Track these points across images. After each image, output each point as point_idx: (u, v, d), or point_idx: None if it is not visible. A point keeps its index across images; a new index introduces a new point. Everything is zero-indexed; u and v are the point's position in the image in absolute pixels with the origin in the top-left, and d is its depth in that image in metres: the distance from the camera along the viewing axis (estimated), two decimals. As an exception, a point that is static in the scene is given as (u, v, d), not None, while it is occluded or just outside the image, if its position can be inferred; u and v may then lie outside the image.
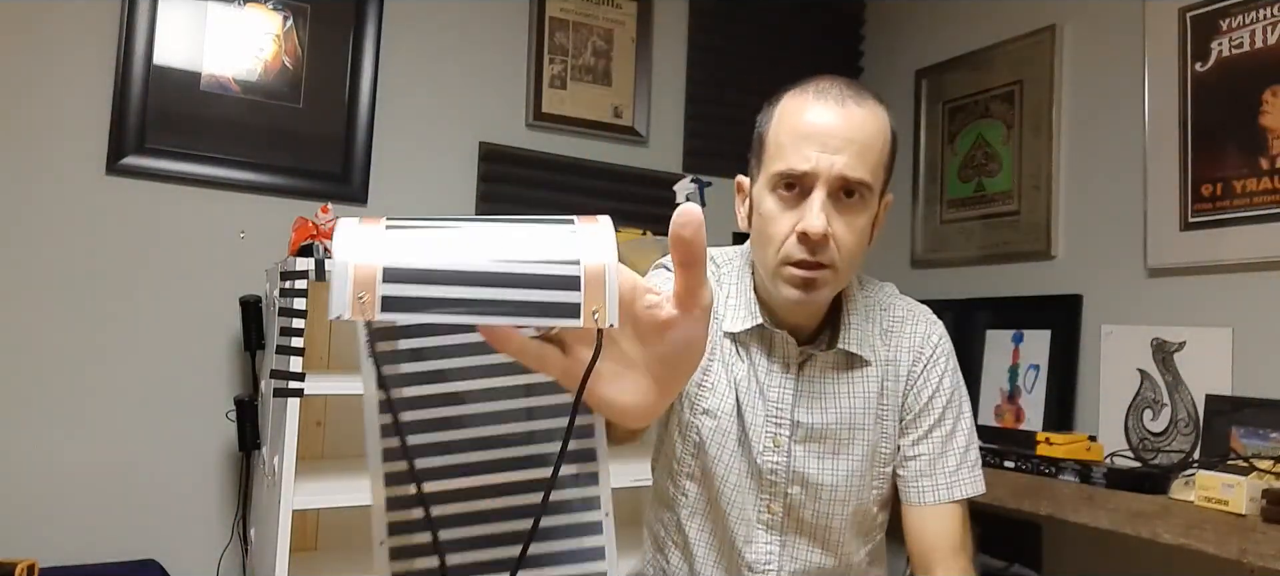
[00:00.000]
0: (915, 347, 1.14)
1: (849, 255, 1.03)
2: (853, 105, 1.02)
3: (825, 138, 1.00)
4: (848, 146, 1.00)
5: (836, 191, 1.01)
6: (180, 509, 2.12)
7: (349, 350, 2.20)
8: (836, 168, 1.00)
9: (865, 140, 1.01)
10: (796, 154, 1.01)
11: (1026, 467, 1.93)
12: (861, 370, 1.12)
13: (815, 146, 1.00)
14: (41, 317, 2.01)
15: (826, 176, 1.00)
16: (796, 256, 1.02)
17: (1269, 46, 1.91)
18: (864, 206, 1.03)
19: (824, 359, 1.12)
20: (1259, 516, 1.50)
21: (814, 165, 1.00)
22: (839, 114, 1.01)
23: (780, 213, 1.03)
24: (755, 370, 1.13)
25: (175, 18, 2.14)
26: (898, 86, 2.88)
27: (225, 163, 2.18)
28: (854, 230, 1.03)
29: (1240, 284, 1.93)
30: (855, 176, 1.01)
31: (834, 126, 1.01)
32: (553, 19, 2.58)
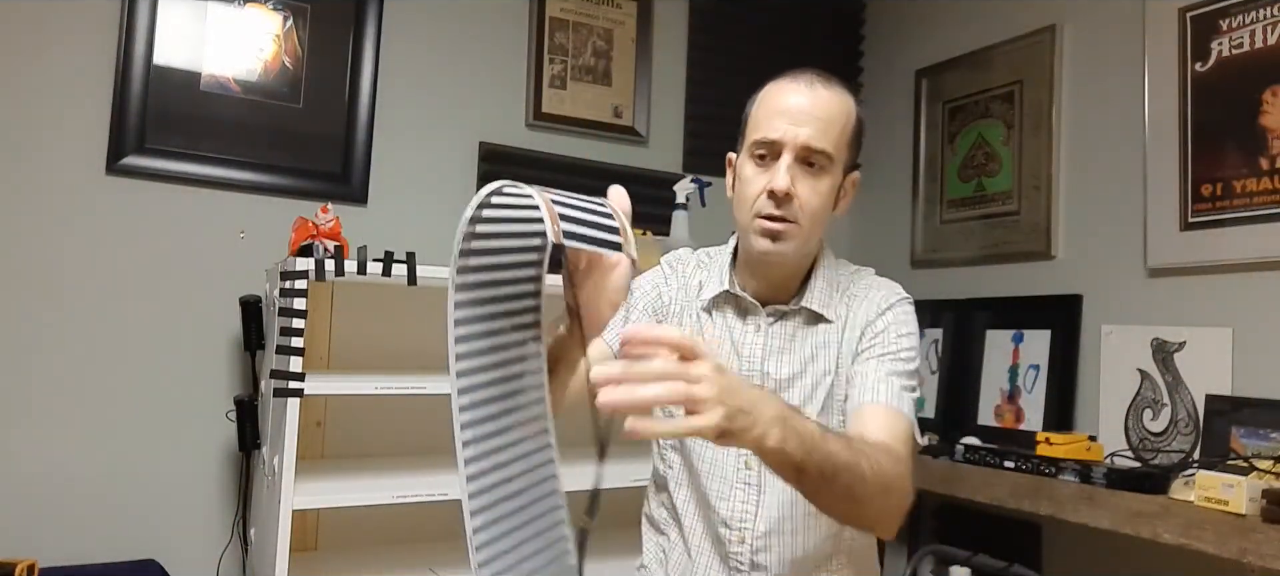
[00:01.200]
0: (876, 304, 1.27)
1: (811, 213, 1.21)
2: (820, 88, 1.22)
3: (793, 113, 1.20)
4: (811, 121, 1.19)
5: (801, 158, 1.20)
6: (180, 509, 2.12)
7: (349, 350, 2.20)
8: (801, 138, 1.19)
9: (827, 116, 1.20)
10: (769, 126, 1.21)
11: (1026, 467, 1.93)
12: (824, 326, 1.27)
13: (785, 120, 1.20)
14: (41, 317, 2.01)
15: (792, 144, 1.19)
16: (766, 210, 1.20)
17: (1269, 46, 1.91)
18: (825, 173, 1.21)
19: (791, 317, 1.28)
20: (1259, 516, 1.50)
21: (781, 134, 1.19)
22: (806, 94, 1.21)
23: (755, 175, 1.22)
24: (730, 331, 1.29)
25: (175, 18, 2.14)
26: (898, 86, 2.88)
27: (225, 163, 2.18)
28: (816, 192, 1.21)
29: (1240, 284, 1.92)
30: (817, 145, 1.19)
31: (801, 104, 1.20)
32: (553, 19, 2.58)
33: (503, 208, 0.86)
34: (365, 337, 2.21)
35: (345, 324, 2.20)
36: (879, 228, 2.92)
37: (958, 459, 2.09)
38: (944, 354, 2.54)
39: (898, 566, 2.54)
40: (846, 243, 3.00)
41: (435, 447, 2.26)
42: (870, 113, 2.98)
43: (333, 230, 1.97)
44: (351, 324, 2.20)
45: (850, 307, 1.28)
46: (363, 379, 1.90)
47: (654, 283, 1.37)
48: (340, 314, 2.19)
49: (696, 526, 1.30)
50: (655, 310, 1.35)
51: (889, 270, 2.96)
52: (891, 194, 2.87)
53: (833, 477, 0.94)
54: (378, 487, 1.89)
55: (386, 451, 2.22)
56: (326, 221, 1.98)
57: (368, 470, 2.04)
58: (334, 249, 1.92)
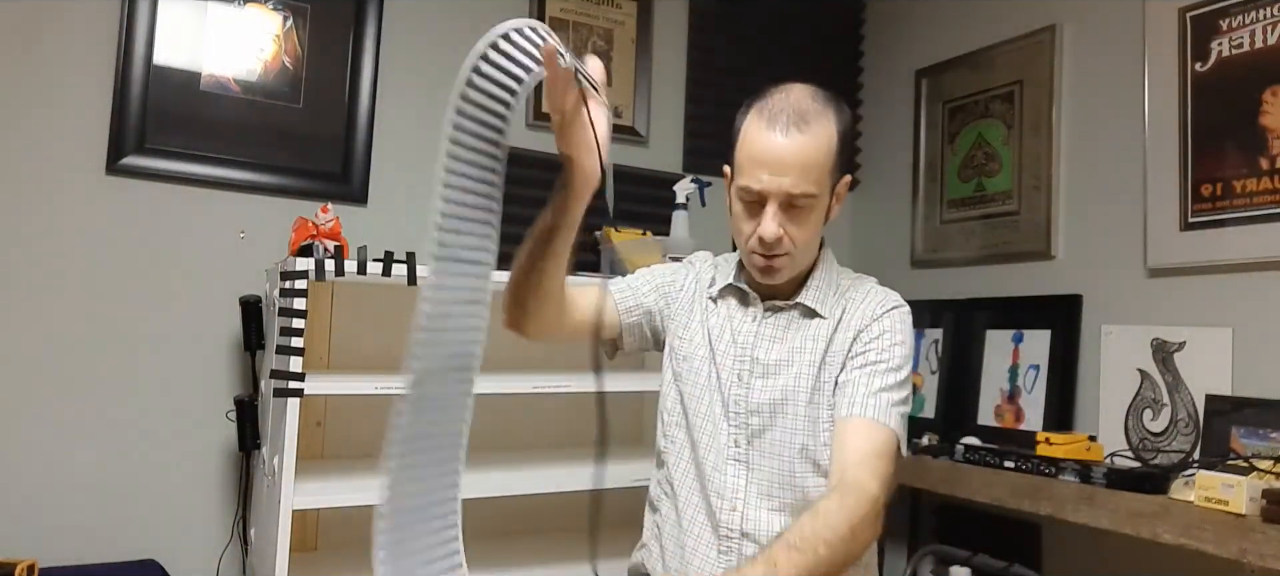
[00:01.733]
0: (871, 310, 1.32)
1: (802, 243, 1.28)
2: (796, 132, 1.23)
3: (773, 164, 1.23)
4: (791, 170, 1.22)
5: (785, 205, 1.24)
6: (180, 509, 2.12)
7: (349, 350, 2.20)
8: (784, 187, 1.23)
9: (806, 161, 1.23)
10: (752, 176, 1.24)
11: (1026, 467, 1.93)
12: (816, 321, 1.33)
13: (766, 171, 1.23)
14: (41, 318, 2.01)
15: (775, 194, 1.23)
16: (757, 250, 1.28)
17: (1269, 46, 1.91)
18: (812, 209, 1.26)
19: (786, 311, 1.35)
20: (1259, 516, 1.50)
21: (764, 186, 1.23)
22: (782, 143, 1.23)
23: (744, 218, 1.28)
24: (731, 319, 1.38)
25: (175, 18, 2.14)
26: (898, 86, 2.88)
27: (225, 163, 2.18)
28: (805, 226, 1.27)
29: (1240, 284, 1.93)
30: (799, 192, 1.23)
31: (779, 155, 1.22)
32: (553, 19, 2.58)
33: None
34: (365, 337, 2.21)
35: (345, 324, 2.20)
36: (879, 228, 2.92)
37: (958, 459, 2.09)
38: (944, 354, 2.54)
39: (898, 566, 2.54)
40: (847, 242, 3.00)
41: (435, 447, 2.26)
42: (870, 113, 3.00)
43: (333, 230, 1.97)
44: (351, 324, 2.20)
45: (846, 309, 1.34)
46: (363, 379, 1.90)
47: (671, 271, 1.49)
48: (340, 314, 2.19)
49: (692, 498, 1.36)
50: (664, 292, 1.45)
51: (889, 270, 2.97)
52: (891, 194, 2.87)
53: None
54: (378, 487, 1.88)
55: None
56: (326, 221, 1.98)
57: (368, 470, 2.03)
58: (334, 249, 1.92)
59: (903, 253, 2.80)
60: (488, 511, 2.24)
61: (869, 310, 1.32)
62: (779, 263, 1.28)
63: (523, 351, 2.37)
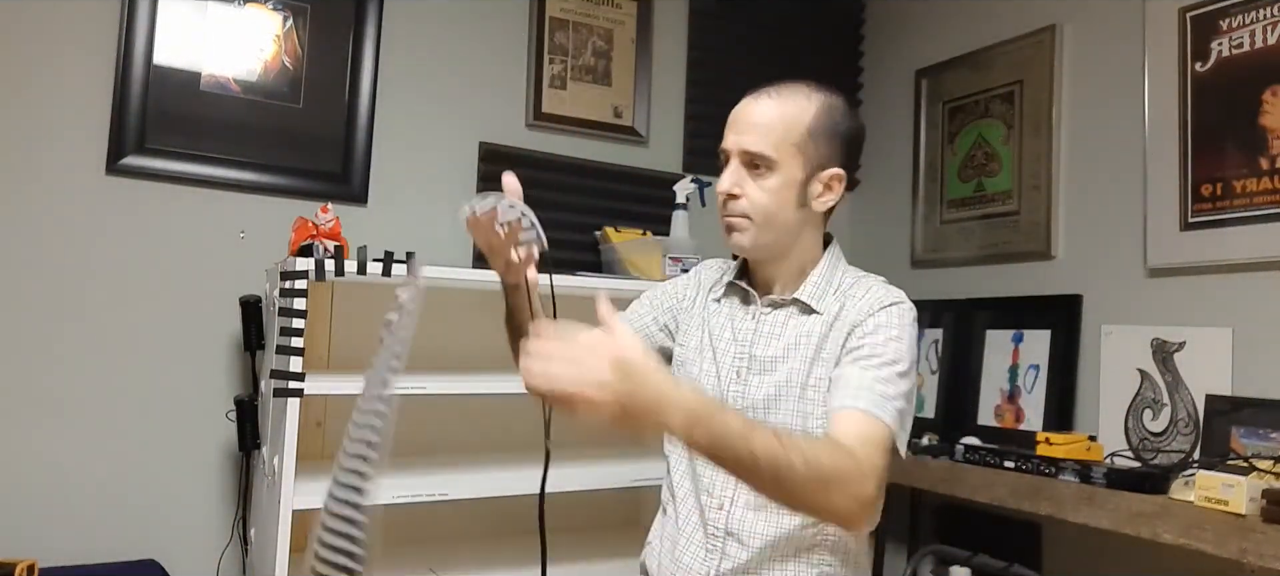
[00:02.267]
0: (868, 305, 1.30)
1: (760, 209, 1.29)
2: (764, 97, 1.32)
3: (737, 122, 1.32)
4: (750, 128, 1.29)
5: (745, 162, 1.30)
6: (180, 509, 2.12)
7: (349, 350, 2.20)
8: (742, 144, 1.29)
9: (766, 123, 1.29)
10: (725, 137, 1.33)
11: (1026, 467, 1.93)
12: (814, 318, 1.33)
13: (731, 130, 1.32)
14: (41, 317, 2.01)
15: (735, 151, 1.31)
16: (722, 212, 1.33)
17: (1269, 46, 1.91)
18: (770, 173, 1.29)
19: (784, 308, 1.36)
20: (1259, 516, 1.50)
21: (727, 143, 1.32)
22: (751, 104, 1.32)
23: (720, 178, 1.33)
24: (732, 318, 1.39)
25: (175, 18, 2.14)
26: (898, 86, 2.88)
27: (225, 163, 2.18)
28: (762, 190, 1.29)
29: (1240, 284, 1.93)
30: (752, 149, 1.28)
31: (744, 114, 1.31)
32: (553, 19, 2.58)
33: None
34: (365, 338, 2.19)
35: (345, 324, 2.20)
36: (879, 228, 2.92)
37: (958, 459, 2.09)
38: (944, 354, 2.54)
39: (898, 566, 2.54)
40: (847, 242, 2.99)
41: (435, 447, 2.26)
42: (870, 113, 3.00)
43: (333, 230, 1.97)
44: (351, 324, 2.20)
45: (844, 305, 1.32)
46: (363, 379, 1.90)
47: (675, 286, 1.51)
48: (340, 314, 2.19)
49: (687, 499, 1.37)
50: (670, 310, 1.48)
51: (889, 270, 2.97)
52: (891, 194, 2.87)
53: (753, 469, 1.01)
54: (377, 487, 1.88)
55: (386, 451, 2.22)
56: (326, 221, 1.98)
57: (368, 470, 2.04)
58: (334, 249, 1.92)
59: (903, 253, 2.80)
60: (484, 511, 2.24)
61: (866, 305, 1.29)
62: (738, 223, 1.30)
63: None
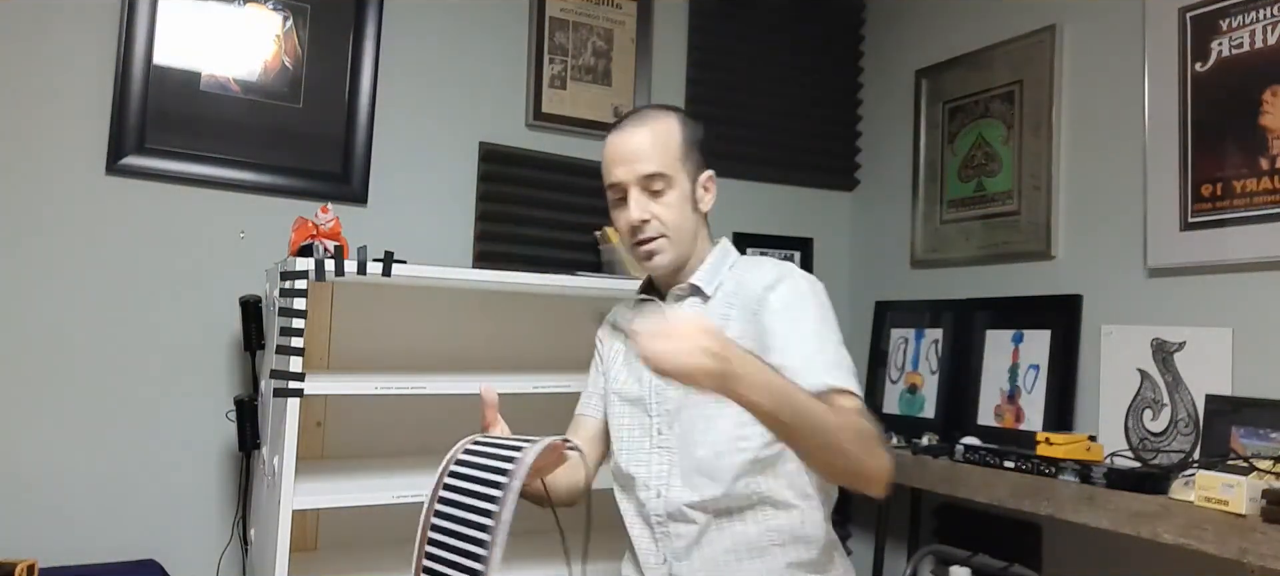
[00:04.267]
0: (765, 282, 1.38)
1: (672, 224, 1.40)
2: (631, 126, 1.42)
3: (621, 155, 1.41)
4: (633, 157, 1.39)
5: (644, 187, 1.39)
6: (180, 509, 2.12)
7: (349, 350, 2.20)
8: (635, 173, 1.39)
9: (648, 146, 1.39)
10: (610, 173, 1.42)
11: (1026, 467, 1.93)
12: (712, 302, 1.42)
13: (615, 164, 1.41)
14: (41, 318, 2.01)
15: (630, 181, 1.39)
16: (633, 239, 1.42)
17: (1269, 46, 1.91)
18: (669, 189, 1.40)
19: (683, 299, 1.45)
20: (1259, 516, 1.50)
21: (618, 177, 1.41)
22: (621, 137, 1.42)
23: (618, 214, 1.44)
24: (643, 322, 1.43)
25: (175, 18, 2.14)
26: (898, 86, 2.88)
27: (225, 163, 2.18)
28: (668, 207, 1.40)
29: (1240, 284, 1.92)
30: (648, 171, 1.38)
31: (621, 147, 1.41)
32: (553, 19, 2.58)
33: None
34: (365, 337, 2.21)
35: (345, 324, 2.20)
36: (879, 228, 2.92)
37: (958, 459, 2.09)
38: (944, 354, 2.54)
39: (898, 566, 2.54)
40: (847, 242, 3.00)
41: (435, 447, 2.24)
42: (870, 113, 3.00)
43: (333, 230, 1.97)
44: (351, 324, 2.20)
45: (740, 282, 1.42)
46: (363, 379, 1.90)
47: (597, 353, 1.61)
48: (340, 314, 2.19)
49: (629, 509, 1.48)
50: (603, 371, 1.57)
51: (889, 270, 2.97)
52: (891, 194, 2.87)
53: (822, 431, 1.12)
54: (378, 487, 1.89)
55: (386, 451, 2.22)
56: (326, 221, 1.98)
57: (368, 470, 2.04)
58: (334, 249, 1.92)
59: (903, 253, 2.80)
60: (488, 511, 2.24)
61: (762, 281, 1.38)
62: (657, 244, 1.40)
63: (522, 351, 2.38)
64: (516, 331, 2.37)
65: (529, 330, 2.38)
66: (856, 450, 1.16)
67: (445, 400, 2.20)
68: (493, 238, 2.47)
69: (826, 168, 3.00)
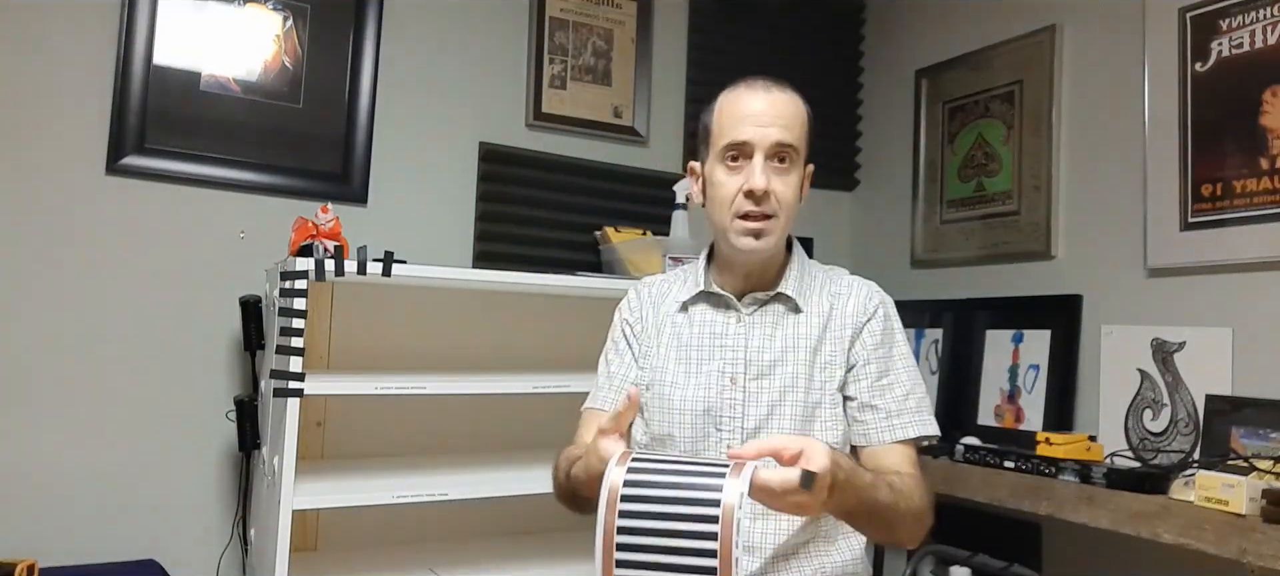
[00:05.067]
0: (860, 305, 1.34)
1: (787, 206, 1.28)
2: (775, 91, 1.30)
3: (758, 116, 1.28)
4: (776, 120, 1.27)
5: (772, 155, 1.27)
6: (180, 509, 2.12)
7: (349, 350, 2.20)
8: (771, 137, 1.26)
9: (789, 114, 1.29)
10: (737, 130, 1.28)
11: (1026, 467, 1.93)
12: (801, 316, 1.33)
13: (751, 123, 1.27)
14: (41, 317, 2.01)
15: (763, 144, 1.26)
16: (745, 209, 1.27)
17: (1269, 46, 1.91)
18: (794, 167, 1.29)
19: (770, 306, 1.34)
20: (1259, 516, 1.50)
21: (751, 136, 1.27)
22: (765, 98, 1.29)
23: (728, 178, 1.29)
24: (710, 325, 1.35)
25: (175, 18, 2.13)
26: (898, 86, 2.88)
27: (225, 163, 2.18)
28: (789, 186, 1.29)
29: (1240, 284, 1.92)
30: (786, 141, 1.27)
31: (763, 107, 1.28)
32: (553, 19, 2.58)
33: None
34: (365, 337, 2.21)
35: (345, 324, 2.20)
36: (879, 228, 2.92)
37: (958, 459, 2.09)
38: (944, 354, 2.54)
39: (898, 566, 2.54)
40: (847, 242, 3.00)
41: (435, 447, 2.26)
42: (870, 113, 3.00)
43: (333, 230, 1.97)
44: (351, 324, 2.20)
45: (834, 304, 1.34)
46: (363, 379, 1.90)
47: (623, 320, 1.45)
48: (340, 314, 2.19)
49: None
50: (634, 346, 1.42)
51: (889, 270, 2.97)
52: (891, 194, 2.87)
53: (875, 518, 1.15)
54: (378, 487, 1.89)
55: (386, 451, 2.22)
56: (326, 221, 1.98)
57: (368, 470, 2.04)
58: (334, 249, 1.92)
59: (903, 253, 2.80)
60: (487, 511, 2.24)
61: (857, 306, 1.34)
62: (768, 226, 1.27)
63: (522, 351, 2.38)
64: (516, 331, 2.37)
65: (529, 330, 2.38)
66: (906, 532, 1.21)
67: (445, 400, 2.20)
68: (493, 238, 2.47)
69: (826, 168, 2.97)
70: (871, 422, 1.29)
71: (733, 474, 0.95)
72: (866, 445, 1.29)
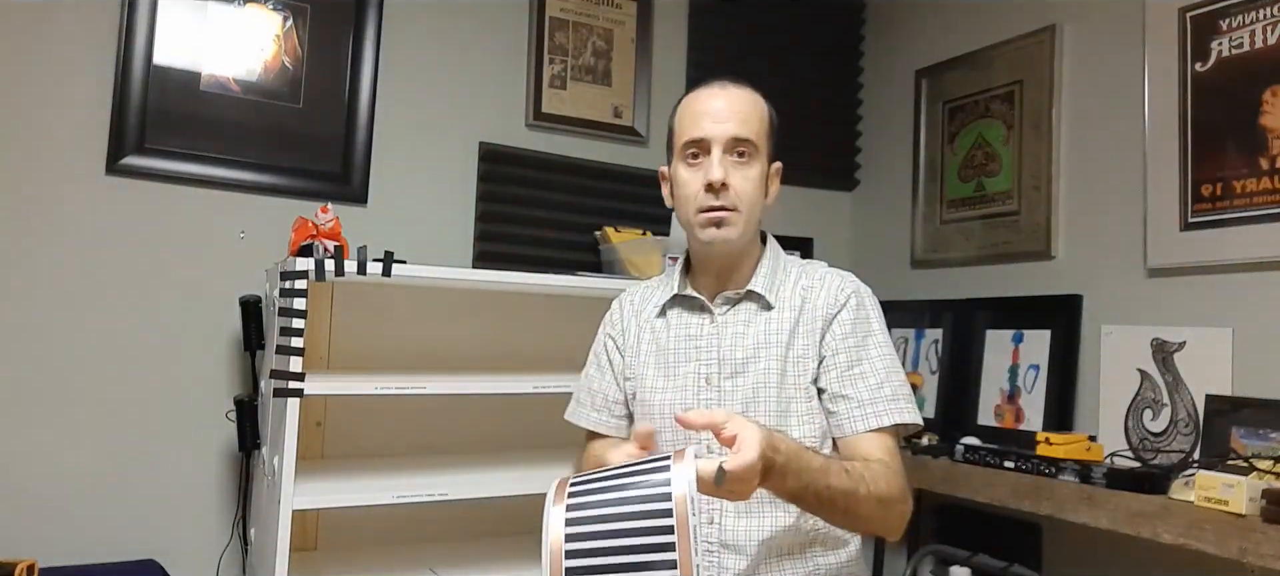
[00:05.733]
0: (831, 295, 1.34)
1: (748, 199, 1.30)
2: (733, 89, 1.34)
3: (715, 113, 1.32)
4: (732, 116, 1.31)
5: (729, 150, 1.30)
6: (180, 509, 2.12)
7: (349, 350, 2.20)
8: (728, 132, 1.30)
9: (745, 111, 1.32)
10: (696, 127, 1.32)
11: (1026, 467, 1.93)
12: (773, 313, 1.34)
13: (709, 120, 1.31)
14: (41, 318, 2.01)
15: (720, 138, 1.30)
16: (705, 203, 1.29)
17: (1269, 46, 1.91)
18: (753, 161, 1.32)
19: (742, 304, 1.35)
20: (1259, 516, 1.50)
21: (707, 132, 1.30)
22: (719, 94, 1.33)
23: (690, 175, 1.32)
24: (686, 326, 1.38)
25: (175, 18, 2.13)
26: (898, 86, 2.88)
27: (225, 163, 2.18)
28: (748, 179, 1.31)
29: (1240, 284, 1.93)
30: (741, 135, 1.30)
31: (717, 104, 1.32)
32: (553, 19, 2.58)
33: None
34: (365, 337, 2.21)
35: (345, 324, 2.20)
36: (879, 228, 2.92)
37: (958, 459, 2.09)
38: (944, 354, 2.54)
39: (898, 566, 2.54)
40: (847, 242, 3.00)
41: (435, 447, 2.26)
42: (870, 113, 3.00)
43: (333, 230, 1.97)
44: (351, 324, 2.20)
45: (805, 298, 1.34)
46: (363, 379, 1.90)
47: (608, 333, 1.49)
48: (340, 314, 2.20)
49: None
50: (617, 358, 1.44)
51: (889, 270, 2.97)
52: (891, 194, 2.87)
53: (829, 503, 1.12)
54: (378, 487, 1.89)
55: (386, 451, 2.22)
56: (326, 221, 1.98)
57: (368, 470, 2.04)
58: (334, 249, 1.92)
59: (903, 253, 2.80)
60: (487, 511, 2.24)
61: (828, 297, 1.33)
62: (729, 217, 1.29)
63: (522, 351, 2.38)
64: (516, 331, 2.37)
65: (529, 330, 2.38)
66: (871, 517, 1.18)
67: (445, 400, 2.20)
68: (493, 238, 2.47)
69: (826, 168, 3.00)
70: (844, 413, 1.28)
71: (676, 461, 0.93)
72: (842, 436, 1.28)
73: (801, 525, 1.28)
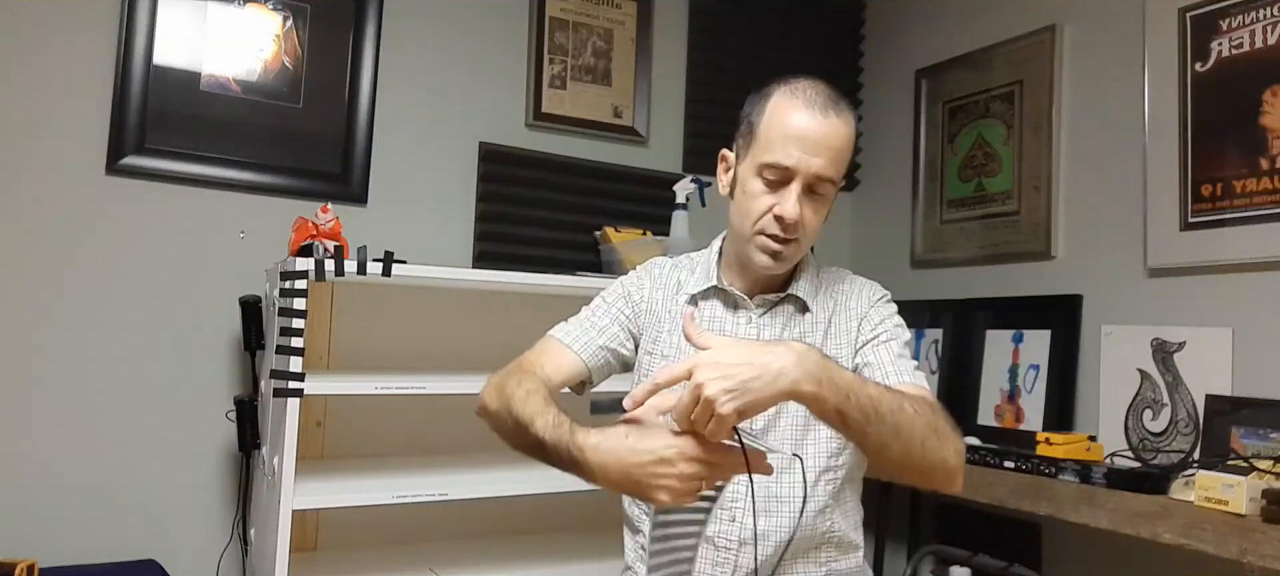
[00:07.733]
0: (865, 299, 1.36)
1: (811, 231, 1.28)
2: (832, 115, 1.24)
3: (807, 142, 1.22)
4: (825, 152, 1.23)
5: (809, 186, 1.24)
6: (180, 509, 2.12)
7: (349, 350, 2.20)
8: (814, 168, 1.22)
9: (838, 147, 1.24)
10: (783, 151, 1.22)
11: (1026, 467, 1.93)
12: (810, 317, 1.34)
13: (799, 148, 1.22)
14: (41, 318, 2.01)
15: (804, 174, 1.22)
16: (771, 231, 1.25)
17: (1269, 46, 1.91)
18: (827, 199, 1.28)
19: (780, 308, 1.35)
20: (1259, 516, 1.50)
21: (795, 163, 1.22)
22: (821, 122, 1.22)
23: (762, 193, 1.25)
24: (720, 323, 1.35)
25: (175, 18, 2.14)
26: (898, 86, 2.88)
27: (225, 163, 2.18)
28: (818, 216, 1.28)
29: (1240, 284, 1.93)
30: (827, 175, 1.24)
31: (816, 133, 1.22)
32: (553, 19, 2.58)
33: None
34: (365, 337, 2.21)
35: (345, 324, 2.20)
36: (879, 227, 2.92)
37: (958, 459, 2.09)
38: (944, 354, 2.54)
39: (898, 566, 2.54)
40: (847, 243, 3.00)
41: (435, 447, 2.26)
42: (870, 113, 3.00)
43: (333, 230, 1.97)
44: (351, 324, 2.20)
45: (837, 302, 1.35)
46: (363, 379, 1.90)
47: (628, 286, 1.44)
48: (340, 314, 2.20)
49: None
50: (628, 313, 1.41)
51: (889, 270, 2.97)
52: (891, 194, 2.87)
53: (878, 417, 1.02)
54: (378, 487, 1.89)
55: (386, 451, 2.22)
56: (326, 221, 1.98)
57: (368, 470, 2.04)
58: (334, 249, 1.92)
59: (903, 253, 2.80)
60: (487, 511, 2.24)
61: (864, 298, 1.36)
62: (789, 249, 1.26)
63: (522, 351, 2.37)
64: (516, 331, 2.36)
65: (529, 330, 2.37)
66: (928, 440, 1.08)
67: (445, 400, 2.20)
68: (493, 238, 2.47)
69: (826, 168, 3.00)
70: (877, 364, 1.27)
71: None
72: None
73: (818, 525, 1.29)
